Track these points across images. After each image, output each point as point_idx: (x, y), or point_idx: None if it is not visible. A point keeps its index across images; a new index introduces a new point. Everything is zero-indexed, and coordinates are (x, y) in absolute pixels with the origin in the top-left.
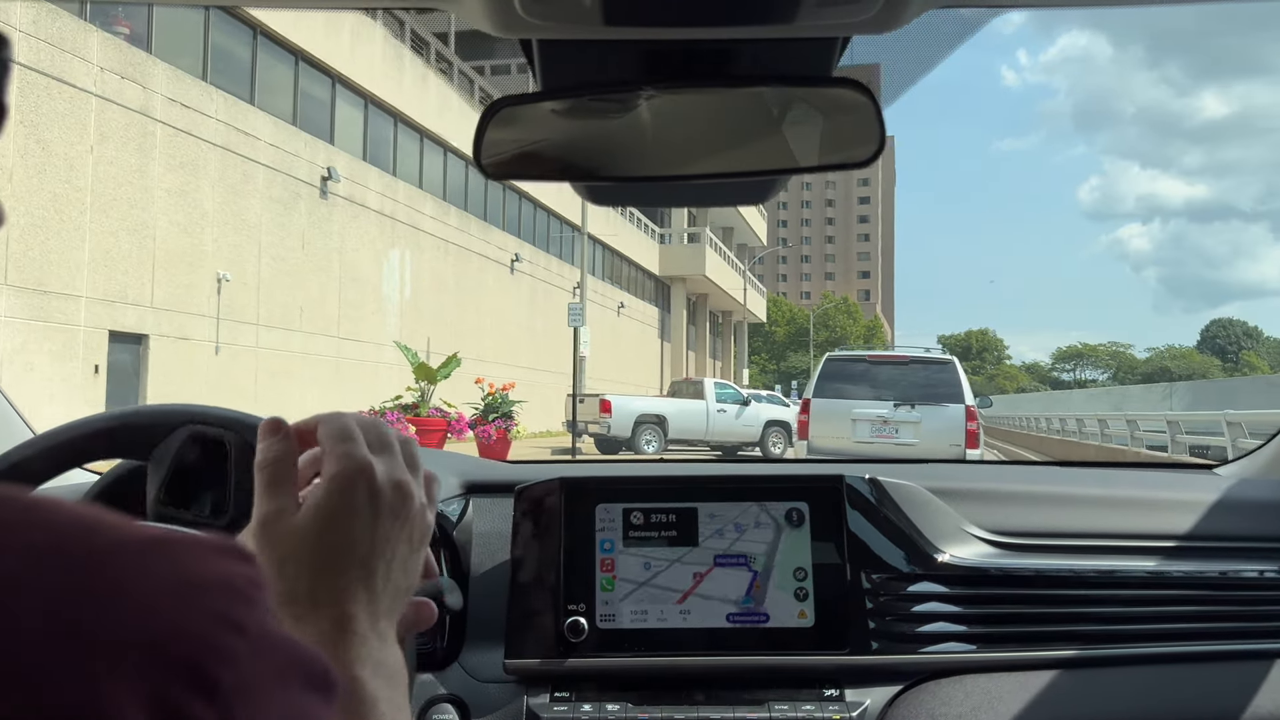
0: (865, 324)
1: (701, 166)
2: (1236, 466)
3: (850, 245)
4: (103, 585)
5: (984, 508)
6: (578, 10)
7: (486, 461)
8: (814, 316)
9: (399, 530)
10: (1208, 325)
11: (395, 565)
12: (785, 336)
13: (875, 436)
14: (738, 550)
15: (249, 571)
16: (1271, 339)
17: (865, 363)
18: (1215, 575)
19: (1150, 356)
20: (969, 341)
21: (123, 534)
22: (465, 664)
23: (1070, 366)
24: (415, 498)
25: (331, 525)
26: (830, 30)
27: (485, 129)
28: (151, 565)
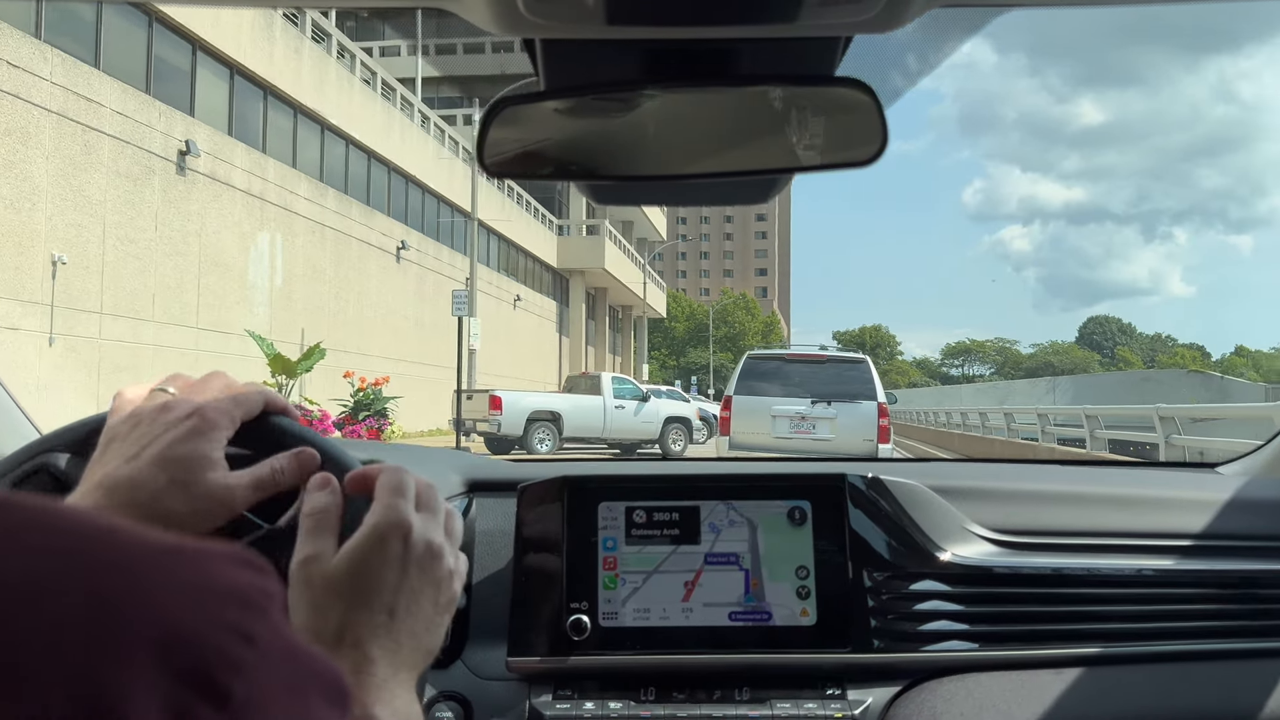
0: (763, 320)
1: (703, 165)
2: (1239, 465)
3: (748, 243)
4: (123, 589)
5: (986, 506)
6: (581, 9)
7: (490, 460)
8: (713, 313)
9: (427, 588)
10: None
11: (420, 621)
12: (685, 332)
13: (794, 432)
14: (740, 549)
15: (261, 582)
16: (1143, 335)
17: (784, 361)
18: (1218, 574)
19: (1034, 352)
20: (863, 337)
21: (142, 540)
22: (468, 662)
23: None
24: (446, 562)
25: (363, 570)
26: (832, 30)
27: (488, 128)
28: (166, 573)
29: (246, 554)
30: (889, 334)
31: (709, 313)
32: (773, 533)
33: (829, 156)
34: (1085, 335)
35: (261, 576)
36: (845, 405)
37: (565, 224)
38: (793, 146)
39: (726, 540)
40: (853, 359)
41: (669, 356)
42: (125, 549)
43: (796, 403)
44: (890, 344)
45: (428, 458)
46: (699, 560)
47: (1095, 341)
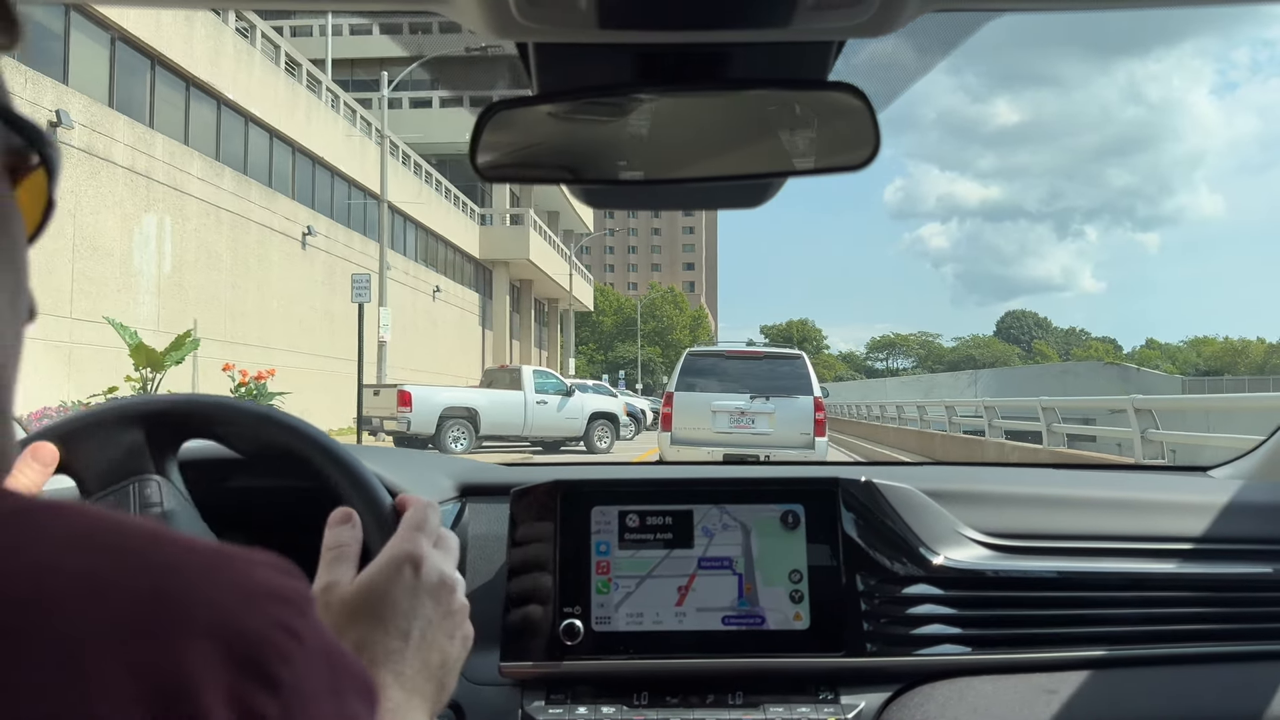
0: (691, 314)
1: (697, 169)
2: (1230, 469)
3: (675, 237)
4: (178, 589)
5: (979, 510)
6: (573, 13)
7: (482, 464)
8: (641, 306)
9: (440, 618)
10: (1003, 317)
11: (434, 651)
12: (613, 326)
13: (733, 427)
14: (733, 553)
15: (299, 586)
16: (1059, 329)
17: (722, 358)
18: (1210, 577)
19: (957, 345)
20: (790, 331)
21: (189, 546)
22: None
23: (883, 356)
24: (459, 596)
25: (375, 596)
26: (825, 34)
27: (481, 131)
28: (217, 574)
29: (284, 562)
30: (815, 328)
31: (637, 307)
32: (766, 537)
33: (822, 160)
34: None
35: (299, 580)
36: (783, 400)
37: (488, 213)
38: (785, 150)
39: (720, 544)
40: (789, 355)
41: (597, 351)
42: (179, 553)
43: (736, 398)
44: (816, 338)
45: (420, 462)
46: (692, 564)
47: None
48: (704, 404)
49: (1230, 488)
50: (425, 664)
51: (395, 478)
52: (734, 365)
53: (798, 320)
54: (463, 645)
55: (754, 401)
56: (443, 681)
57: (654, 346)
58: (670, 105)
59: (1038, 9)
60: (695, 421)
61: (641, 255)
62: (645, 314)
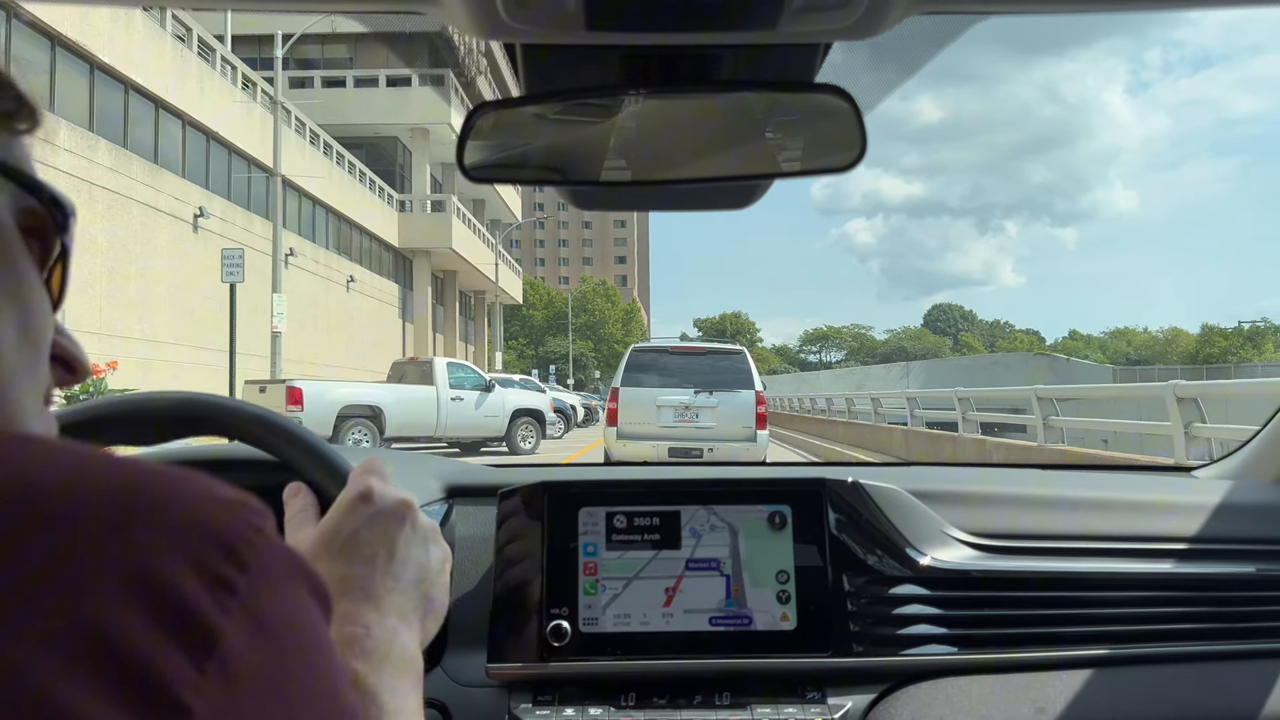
0: (623, 308)
1: (685, 171)
2: (1214, 469)
3: (607, 231)
4: (155, 491)
5: (965, 510)
6: (560, 14)
7: (469, 465)
8: (572, 299)
9: (405, 536)
10: (930, 310)
11: (407, 566)
12: (544, 320)
13: (678, 421)
14: (720, 553)
15: (256, 502)
16: (984, 321)
17: (667, 354)
18: (1193, 577)
19: (889, 338)
20: (724, 325)
21: (156, 466)
22: (447, 668)
23: (816, 348)
24: (420, 516)
25: (333, 534)
26: (812, 36)
27: (468, 132)
28: (185, 484)
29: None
30: (749, 321)
31: (568, 300)
32: (753, 537)
33: (809, 162)
34: (930, 321)
35: (255, 499)
36: (725, 395)
37: (408, 200)
38: (773, 152)
39: (707, 545)
40: (731, 350)
41: (527, 346)
42: (148, 468)
43: (680, 393)
44: (750, 331)
45: (407, 463)
46: (680, 566)
47: (940, 328)
48: (649, 399)
49: (1213, 488)
50: (398, 580)
51: None
52: (677, 361)
53: (731, 313)
54: (441, 559)
55: (697, 396)
56: (427, 594)
57: (586, 341)
58: (658, 107)
59: (1024, 11)
60: (641, 416)
61: (573, 249)
62: (577, 307)
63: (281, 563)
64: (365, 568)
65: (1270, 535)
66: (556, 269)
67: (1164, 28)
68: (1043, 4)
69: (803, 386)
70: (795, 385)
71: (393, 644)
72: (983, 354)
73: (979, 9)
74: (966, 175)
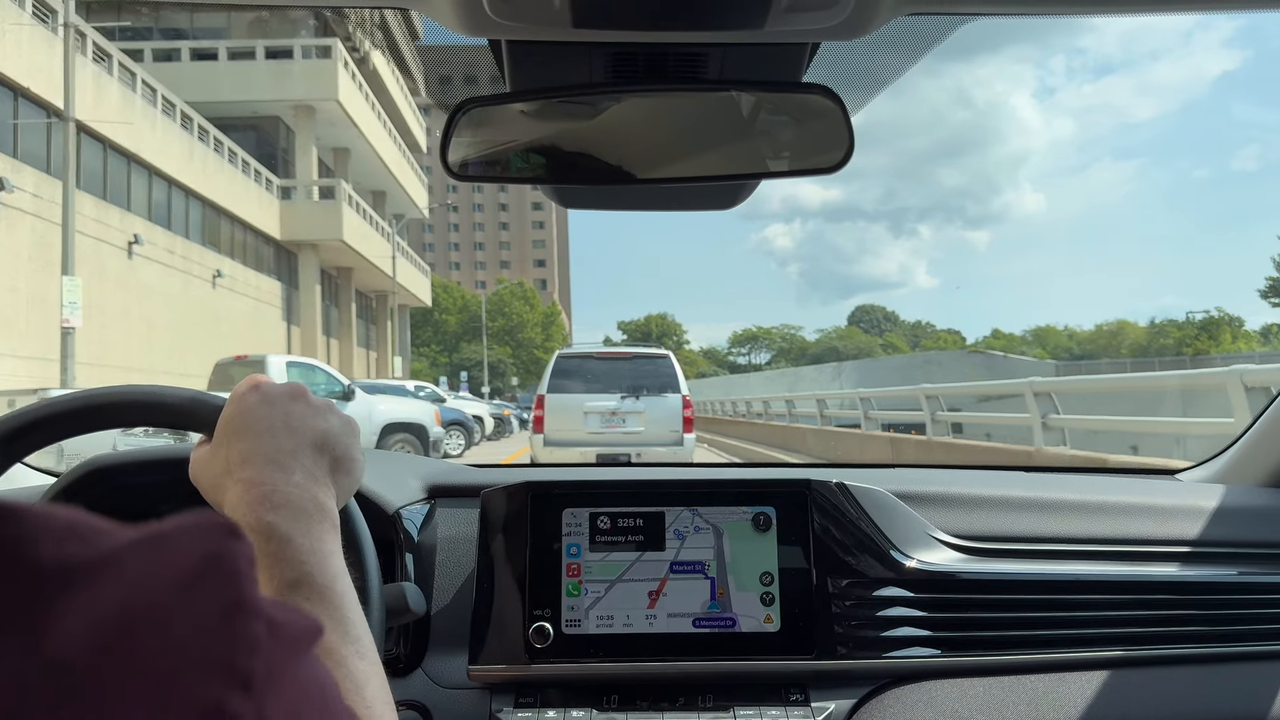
0: (543, 311)
1: (671, 171)
2: (1198, 472)
3: (525, 233)
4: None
5: (949, 512)
6: (546, 12)
7: (452, 465)
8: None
9: (301, 408)
10: (853, 311)
11: (306, 434)
12: (458, 325)
13: (605, 427)
14: (704, 555)
15: (241, 547)
16: (906, 322)
17: (592, 359)
18: (1177, 579)
19: (820, 338)
20: (649, 327)
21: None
22: (429, 670)
23: (745, 350)
24: (311, 398)
25: (231, 418)
26: (799, 36)
27: (452, 130)
28: (151, 564)
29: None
30: (675, 323)
31: (481, 302)
32: (737, 539)
33: (796, 162)
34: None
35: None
36: (652, 399)
37: (291, 185)
38: (760, 152)
39: (691, 547)
40: (657, 355)
41: (440, 352)
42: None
43: (607, 398)
44: (677, 333)
45: (388, 462)
46: (664, 568)
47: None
48: (576, 405)
49: (1197, 491)
50: (300, 445)
51: None
52: (603, 366)
53: (656, 315)
54: (342, 424)
55: (624, 401)
56: (335, 456)
57: (503, 346)
58: (644, 106)
59: (1009, 13)
60: (568, 423)
61: (490, 252)
62: (493, 311)
63: (283, 643)
64: (266, 439)
65: (1253, 539)
66: (473, 272)
67: (1068, 35)
68: (1028, 5)
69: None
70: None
71: (302, 496)
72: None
73: (964, 10)
74: (881, 179)
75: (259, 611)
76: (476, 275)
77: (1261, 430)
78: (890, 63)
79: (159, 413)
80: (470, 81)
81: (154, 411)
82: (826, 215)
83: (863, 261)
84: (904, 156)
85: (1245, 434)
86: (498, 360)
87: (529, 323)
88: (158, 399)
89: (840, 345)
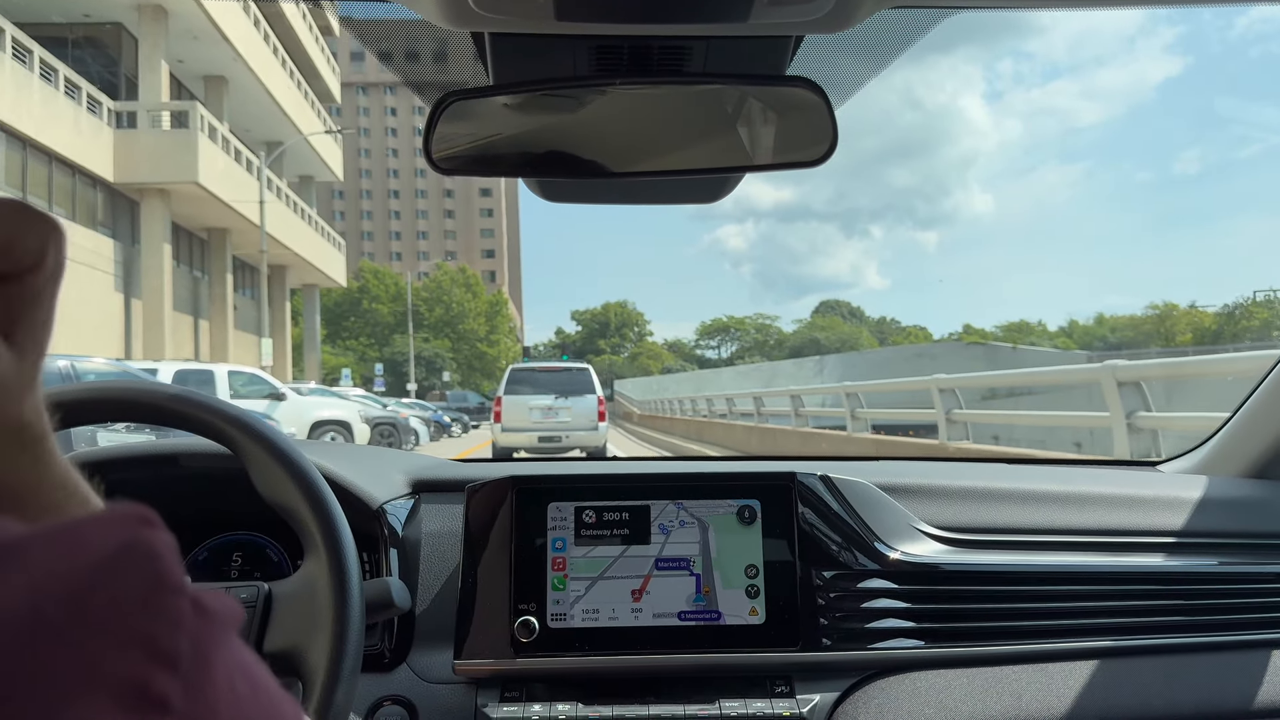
0: (487, 300)
1: (655, 164)
2: (1180, 463)
3: (473, 221)
4: None
5: (934, 504)
6: (529, 4)
7: (436, 460)
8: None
9: None
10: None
11: None
12: (394, 316)
13: (544, 418)
14: (689, 550)
15: (160, 534)
16: (871, 318)
17: (536, 372)
18: (1158, 570)
19: (798, 329)
20: (607, 316)
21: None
22: (414, 665)
23: (715, 343)
24: None
25: None
26: (782, 29)
27: (435, 123)
28: (64, 551)
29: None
30: (636, 311)
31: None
32: (723, 532)
33: (780, 155)
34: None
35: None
36: (576, 398)
37: (129, 109)
38: (744, 145)
39: (676, 542)
40: (580, 368)
41: (371, 345)
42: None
43: (545, 398)
44: (638, 322)
45: (371, 457)
46: (649, 563)
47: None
48: (523, 403)
49: (1177, 482)
50: None
51: (343, 472)
52: (543, 376)
53: (615, 303)
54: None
55: (557, 400)
56: None
57: (442, 339)
58: (628, 99)
59: (991, 6)
60: (519, 415)
61: (434, 242)
62: (430, 299)
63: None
64: None
65: (1233, 529)
66: (415, 263)
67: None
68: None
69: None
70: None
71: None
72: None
73: (947, 4)
74: (832, 180)
75: (182, 590)
76: (420, 266)
77: (1241, 421)
78: (874, 56)
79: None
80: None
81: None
82: (779, 216)
83: (815, 262)
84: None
85: (1225, 425)
86: (434, 354)
87: (471, 312)
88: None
89: (822, 337)
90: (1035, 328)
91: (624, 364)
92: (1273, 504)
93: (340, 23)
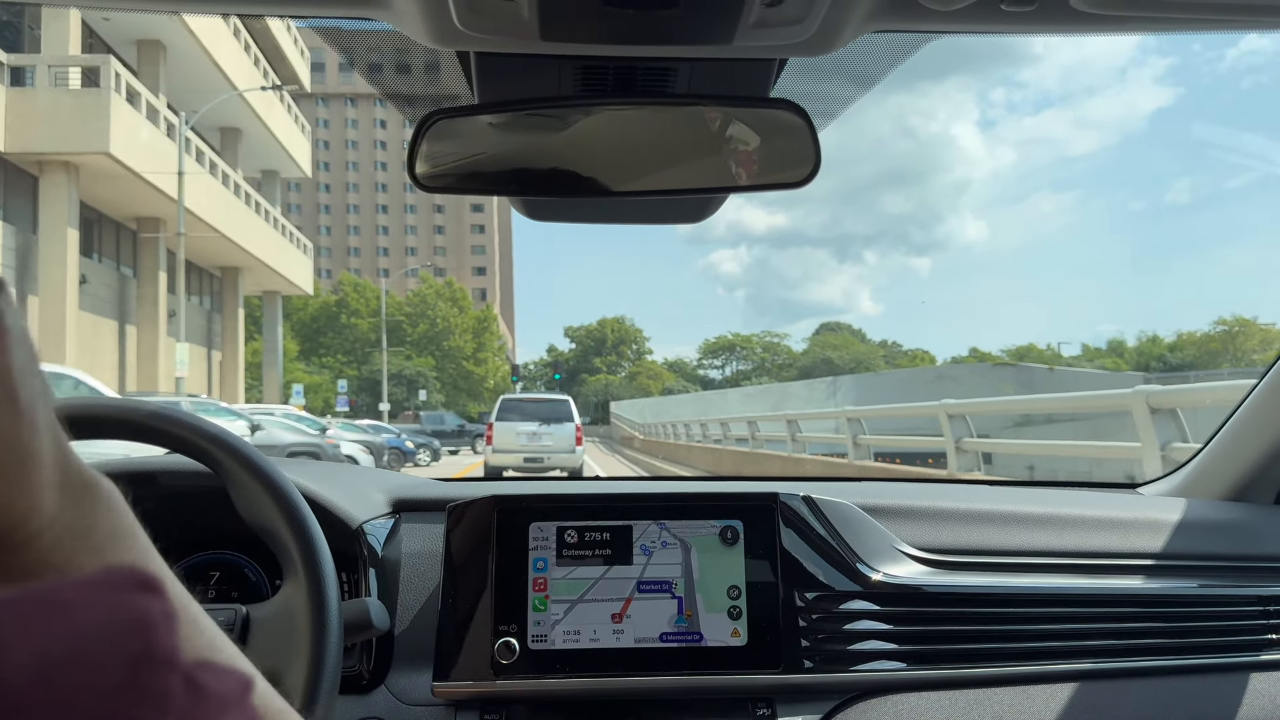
0: (475, 315)
1: (640, 184)
2: (1160, 485)
3: (463, 237)
4: None
5: (916, 526)
6: (514, 24)
7: (417, 479)
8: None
9: None
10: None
11: None
12: (374, 331)
13: (530, 441)
14: (671, 572)
15: (155, 601)
16: (872, 340)
17: (524, 402)
18: (1138, 593)
19: (809, 347)
20: (603, 332)
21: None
22: (392, 687)
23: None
24: None
25: None
26: (767, 52)
27: (419, 141)
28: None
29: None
30: (635, 327)
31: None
32: (705, 553)
33: (763, 177)
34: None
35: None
36: (557, 425)
37: (26, 64)
38: (728, 166)
39: (659, 562)
40: (561, 399)
41: (348, 363)
42: None
43: (530, 424)
44: (637, 339)
45: (351, 476)
46: (631, 585)
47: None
48: (513, 429)
49: (1158, 505)
50: None
51: (323, 490)
52: (530, 405)
53: (613, 318)
54: None
55: (541, 426)
56: None
57: (426, 356)
58: (613, 119)
59: (973, 31)
60: (507, 439)
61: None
62: (414, 315)
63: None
64: None
65: (1212, 552)
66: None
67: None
68: (992, 24)
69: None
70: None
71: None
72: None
73: (931, 28)
74: (826, 205)
75: (173, 665)
76: (408, 284)
77: (1221, 444)
78: (858, 78)
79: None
80: None
81: None
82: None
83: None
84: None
85: (1205, 448)
86: (416, 373)
87: (458, 328)
88: None
89: (835, 356)
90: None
91: (621, 384)
92: (1252, 526)
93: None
